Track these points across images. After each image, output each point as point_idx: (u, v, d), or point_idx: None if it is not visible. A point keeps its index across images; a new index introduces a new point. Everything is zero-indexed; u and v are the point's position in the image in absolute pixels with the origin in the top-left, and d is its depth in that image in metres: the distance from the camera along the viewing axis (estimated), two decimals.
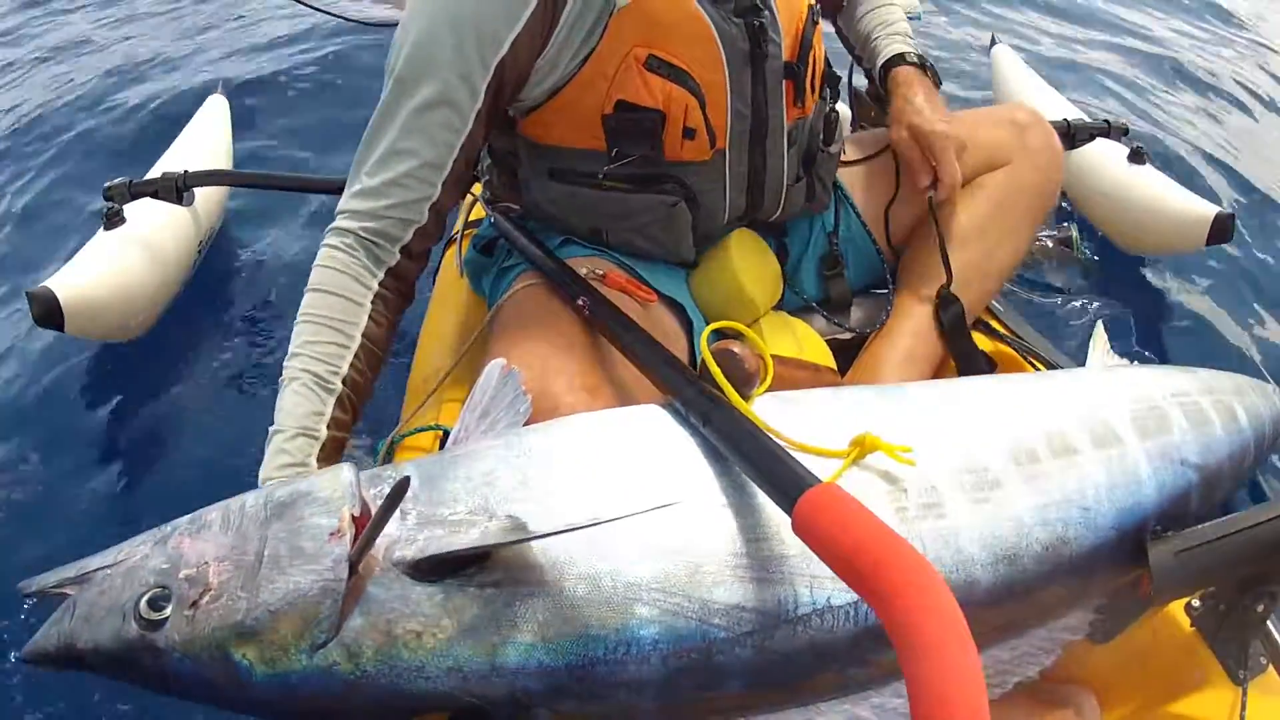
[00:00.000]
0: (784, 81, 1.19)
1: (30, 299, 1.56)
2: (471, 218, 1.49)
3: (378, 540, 0.73)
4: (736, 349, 0.85)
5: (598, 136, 1.12)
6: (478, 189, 1.47)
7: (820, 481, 0.70)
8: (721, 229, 1.26)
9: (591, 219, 1.20)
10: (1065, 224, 2.22)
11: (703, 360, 0.86)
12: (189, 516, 0.79)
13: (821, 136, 1.31)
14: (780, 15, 1.17)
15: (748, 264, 1.27)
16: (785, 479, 0.72)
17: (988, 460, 0.88)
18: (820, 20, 1.29)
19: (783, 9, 1.17)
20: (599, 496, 0.79)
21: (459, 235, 1.52)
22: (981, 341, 1.42)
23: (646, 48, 1.07)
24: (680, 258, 1.26)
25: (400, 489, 0.72)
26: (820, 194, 1.34)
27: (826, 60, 1.30)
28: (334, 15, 2.84)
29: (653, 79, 1.08)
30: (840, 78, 1.42)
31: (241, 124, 2.58)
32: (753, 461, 0.76)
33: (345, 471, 0.80)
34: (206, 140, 2.34)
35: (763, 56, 1.15)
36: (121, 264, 1.75)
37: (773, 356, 0.90)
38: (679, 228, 1.21)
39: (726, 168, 1.19)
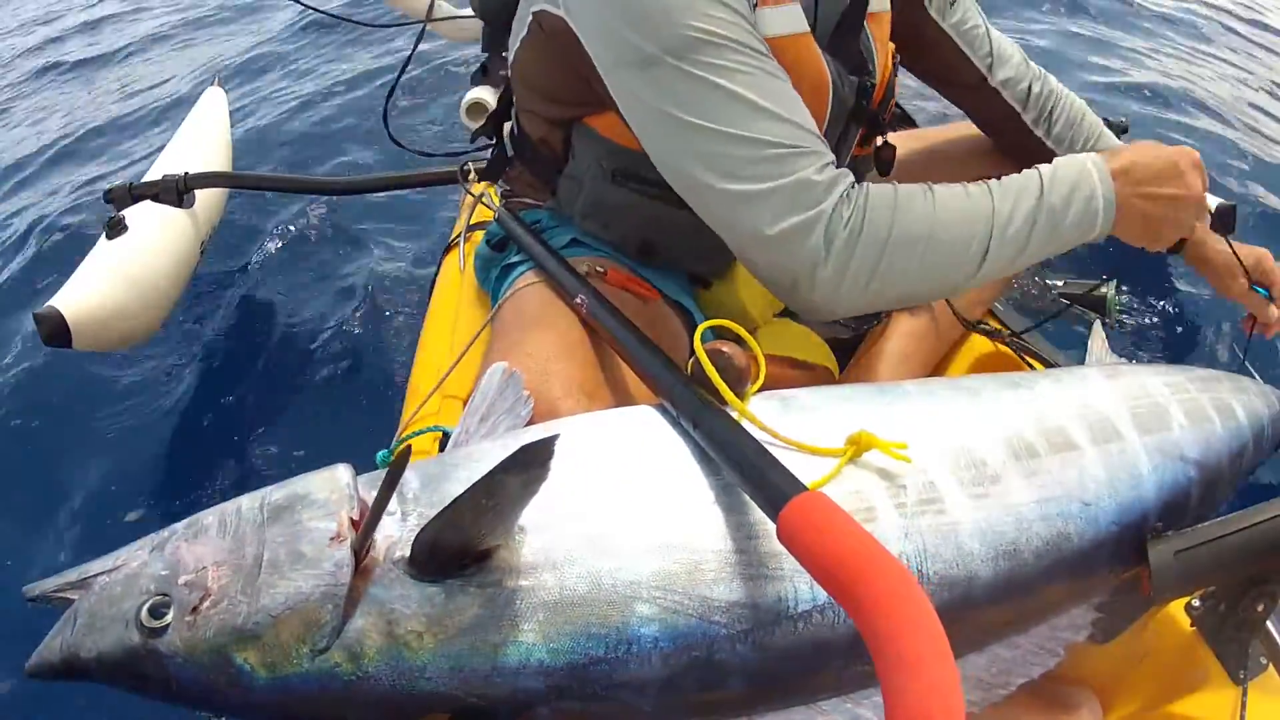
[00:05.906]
0: (859, 128, 1.18)
1: (37, 320, 1.56)
2: (474, 220, 1.49)
3: (379, 541, 0.73)
4: (726, 348, 0.85)
5: None
6: (477, 189, 1.47)
7: (806, 489, 0.69)
8: None
9: (649, 231, 1.17)
10: (1103, 278, 1.88)
11: (695, 359, 0.85)
12: (185, 521, 0.78)
13: (873, 168, 1.29)
14: (875, 65, 1.15)
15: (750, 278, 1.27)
16: (770, 486, 0.71)
17: (986, 456, 0.88)
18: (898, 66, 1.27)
19: (877, 57, 1.15)
20: (596, 496, 0.79)
21: (460, 238, 1.52)
22: (981, 342, 1.43)
23: None
24: (720, 275, 1.25)
25: (400, 464, 0.71)
26: None
27: (897, 103, 1.28)
28: (334, 16, 2.85)
29: None
30: (912, 120, 1.36)
31: (240, 116, 2.54)
32: (738, 467, 0.76)
33: (341, 472, 0.79)
34: (205, 135, 2.31)
35: (863, 113, 1.14)
36: (125, 276, 1.75)
37: (767, 356, 0.90)
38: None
39: None
